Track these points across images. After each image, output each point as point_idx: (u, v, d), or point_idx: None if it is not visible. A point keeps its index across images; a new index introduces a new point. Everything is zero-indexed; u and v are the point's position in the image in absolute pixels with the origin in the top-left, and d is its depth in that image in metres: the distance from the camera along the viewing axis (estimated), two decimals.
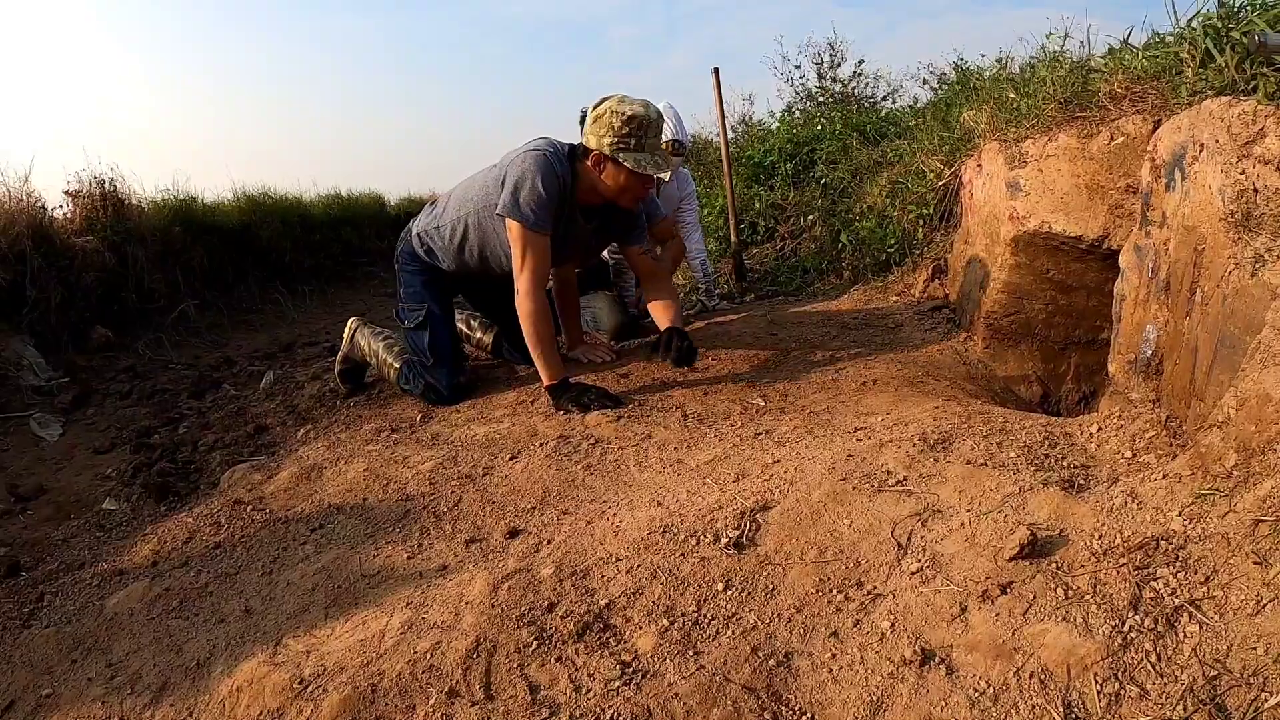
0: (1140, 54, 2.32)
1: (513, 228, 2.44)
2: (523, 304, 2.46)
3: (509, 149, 2.58)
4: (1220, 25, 1.90)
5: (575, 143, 2.56)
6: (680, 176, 4.09)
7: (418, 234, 2.81)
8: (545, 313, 2.49)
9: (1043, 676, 1.06)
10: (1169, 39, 2.21)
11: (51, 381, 3.47)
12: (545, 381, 2.51)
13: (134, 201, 4.45)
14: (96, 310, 4.02)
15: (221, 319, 4.71)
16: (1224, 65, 1.82)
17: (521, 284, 2.46)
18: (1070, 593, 1.17)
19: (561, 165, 2.46)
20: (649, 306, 2.79)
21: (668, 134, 3.73)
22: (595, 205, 2.61)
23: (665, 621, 1.29)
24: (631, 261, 2.89)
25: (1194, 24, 2.05)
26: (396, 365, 2.81)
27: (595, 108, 2.46)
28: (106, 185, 4.32)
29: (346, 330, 3.07)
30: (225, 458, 2.51)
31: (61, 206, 4.21)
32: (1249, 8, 1.89)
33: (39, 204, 4.01)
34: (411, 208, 8.18)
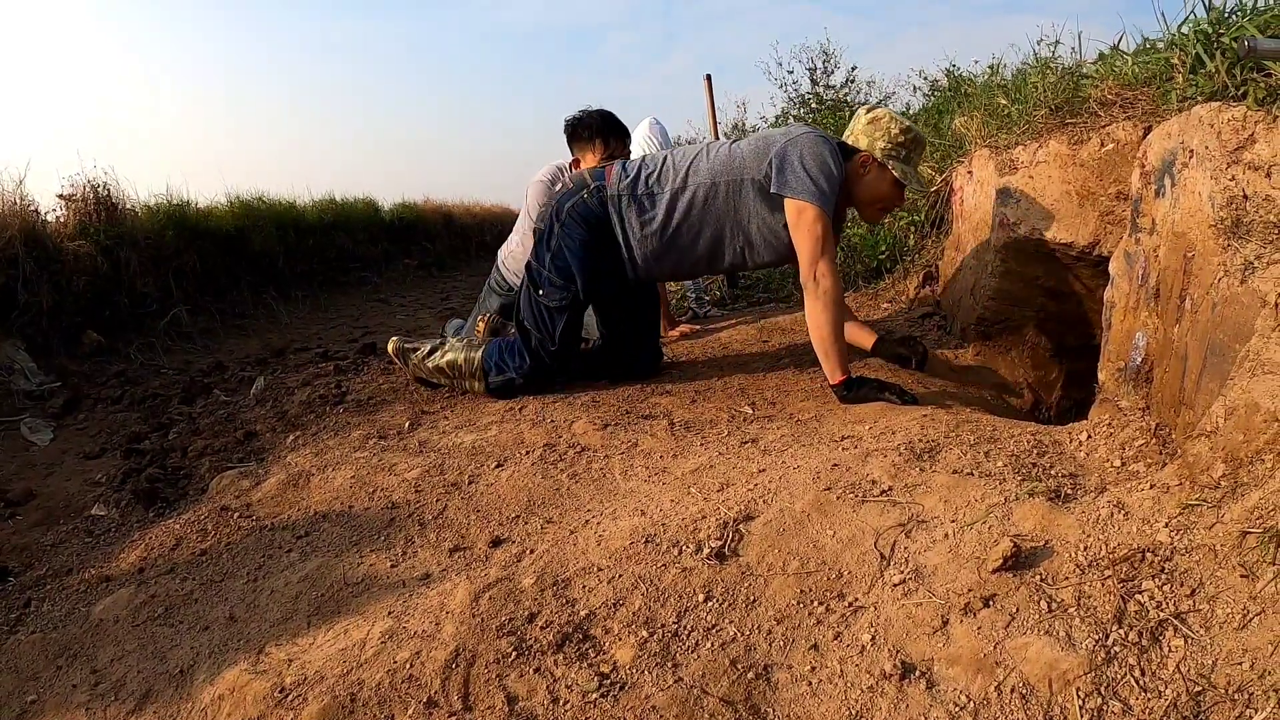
0: (1131, 60, 2.32)
1: (804, 210, 2.27)
2: (827, 292, 2.27)
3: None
4: (1210, 30, 1.89)
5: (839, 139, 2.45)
6: None
7: (618, 194, 2.49)
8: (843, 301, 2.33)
9: (1024, 691, 1.04)
10: (1159, 45, 2.20)
11: (43, 386, 3.46)
12: (837, 378, 2.32)
13: (127, 206, 4.46)
14: (88, 315, 4.01)
15: (214, 324, 4.70)
16: (1214, 71, 1.81)
17: (824, 269, 2.27)
18: (1054, 605, 1.16)
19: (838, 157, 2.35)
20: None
21: (654, 149, 3.74)
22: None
23: (645, 633, 1.27)
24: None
25: (1184, 30, 2.05)
26: (476, 358, 2.62)
27: (870, 111, 2.42)
28: (100, 189, 4.33)
29: (392, 352, 2.87)
30: (214, 464, 2.49)
31: (55, 210, 4.22)
32: (1239, 13, 1.89)
33: (32, 207, 4.01)
34: (406, 213, 8.19)
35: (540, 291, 2.57)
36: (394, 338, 2.94)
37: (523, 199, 3.42)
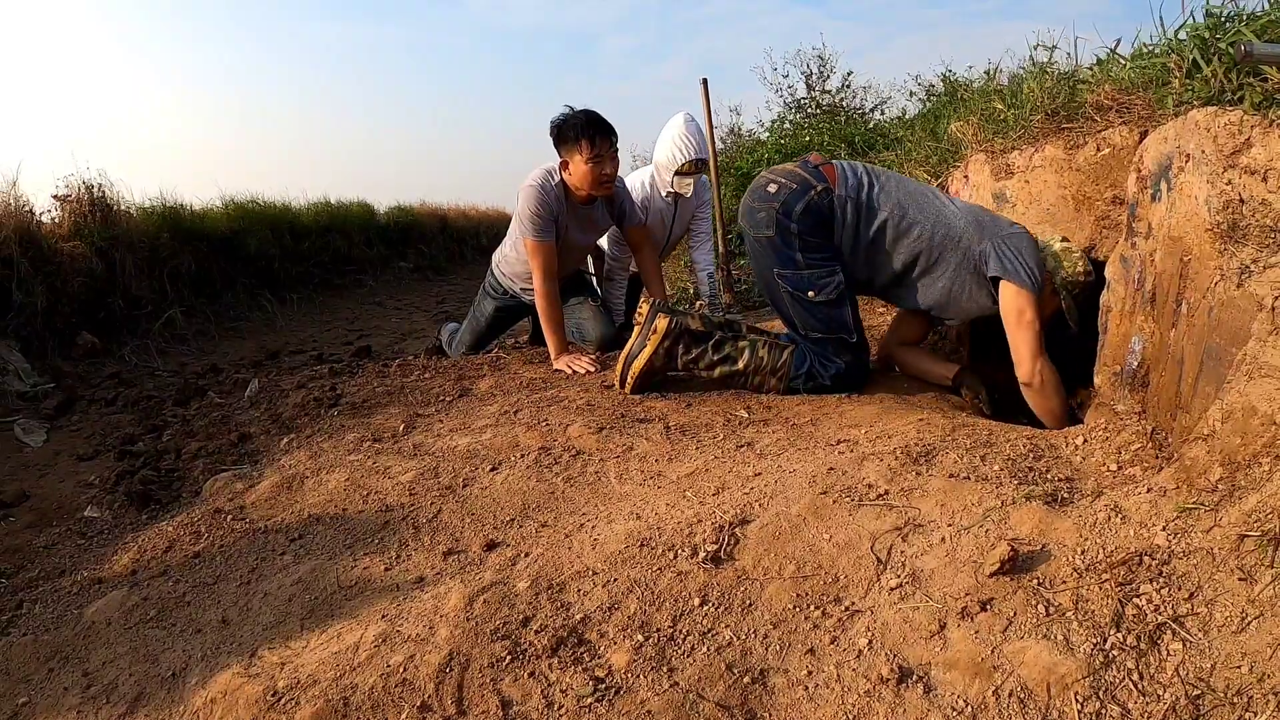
0: (1127, 64, 2.32)
1: (1025, 301, 2.31)
2: (1048, 383, 2.33)
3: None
4: (1207, 35, 1.89)
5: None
6: (700, 182, 4.05)
7: (845, 195, 2.45)
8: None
9: (1022, 695, 1.04)
10: (1156, 49, 2.20)
11: (37, 387, 3.45)
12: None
13: (122, 207, 4.45)
14: (83, 316, 4.00)
15: (209, 326, 4.70)
16: (1210, 75, 1.81)
17: (1044, 365, 2.31)
18: (1051, 609, 1.15)
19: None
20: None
21: (691, 153, 3.69)
22: None
23: (640, 637, 1.27)
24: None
25: (1181, 34, 2.05)
26: (784, 357, 2.51)
27: (1063, 240, 2.41)
28: (95, 191, 4.31)
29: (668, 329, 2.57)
30: (208, 466, 2.48)
31: (50, 211, 4.20)
32: (1236, 18, 1.89)
33: (27, 208, 4.00)
34: (401, 216, 8.19)
35: (811, 293, 2.47)
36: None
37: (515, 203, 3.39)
